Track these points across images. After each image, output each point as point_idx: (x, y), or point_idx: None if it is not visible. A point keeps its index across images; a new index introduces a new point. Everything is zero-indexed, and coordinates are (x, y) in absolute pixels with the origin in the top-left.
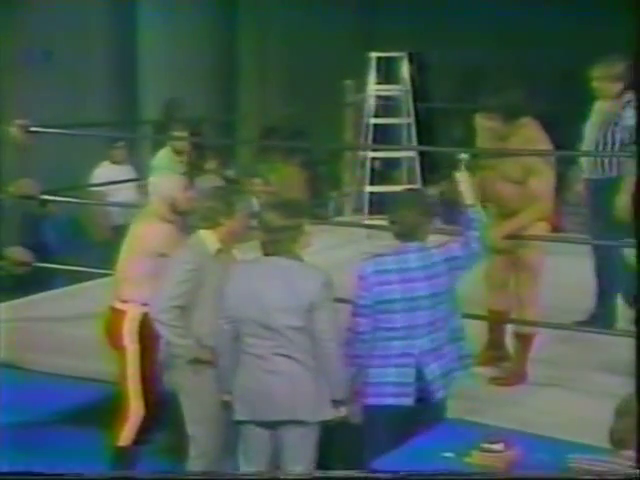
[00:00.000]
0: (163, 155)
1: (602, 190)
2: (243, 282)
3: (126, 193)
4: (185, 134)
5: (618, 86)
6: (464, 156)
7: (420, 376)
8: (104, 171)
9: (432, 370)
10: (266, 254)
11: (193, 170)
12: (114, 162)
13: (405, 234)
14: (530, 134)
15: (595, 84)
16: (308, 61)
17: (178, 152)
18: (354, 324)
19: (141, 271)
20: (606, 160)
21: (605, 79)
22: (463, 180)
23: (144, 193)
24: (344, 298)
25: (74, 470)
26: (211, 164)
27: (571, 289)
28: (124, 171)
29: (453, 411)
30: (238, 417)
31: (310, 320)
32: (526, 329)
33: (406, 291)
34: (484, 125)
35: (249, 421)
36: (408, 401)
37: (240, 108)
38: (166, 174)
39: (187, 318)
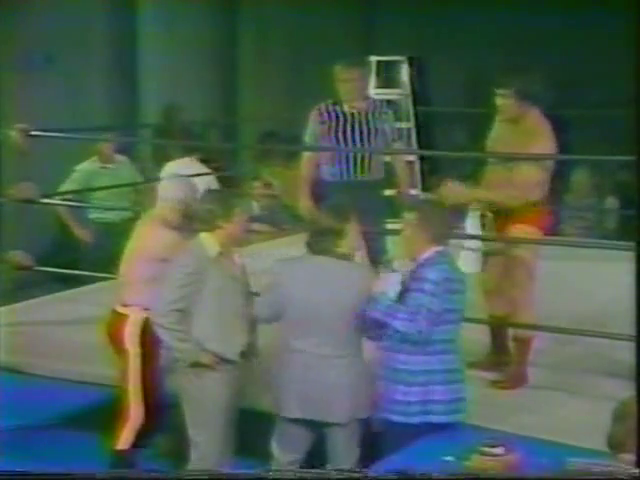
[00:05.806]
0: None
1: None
2: (295, 279)
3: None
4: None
5: (365, 87)
6: None
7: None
8: None
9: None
10: (313, 253)
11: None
12: None
13: (440, 237)
14: (532, 125)
15: (342, 85)
16: (308, 65)
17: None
18: (421, 330)
19: (143, 275)
20: (359, 161)
21: (351, 80)
22: None
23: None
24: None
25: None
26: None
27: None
28: None
29: None
30: (285, 414)
31: (357, 318)
32: (523, 332)
33: (456, 302)
34: (498, 105)
35: (292, 419)
36: (459, 417)
37: (240, 112)
38: (177, 178)
39: (187, 322)
